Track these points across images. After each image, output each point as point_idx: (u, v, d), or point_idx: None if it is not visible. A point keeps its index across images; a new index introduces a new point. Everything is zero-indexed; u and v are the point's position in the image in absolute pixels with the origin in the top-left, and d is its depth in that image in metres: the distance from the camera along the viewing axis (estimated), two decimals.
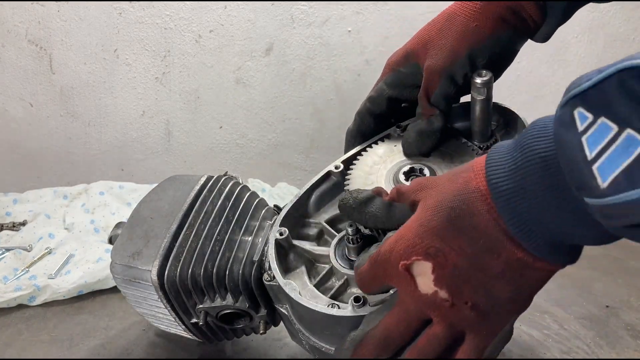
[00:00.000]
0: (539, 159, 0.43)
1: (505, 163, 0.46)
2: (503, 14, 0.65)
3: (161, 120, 1.67)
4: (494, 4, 0.65)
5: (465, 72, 0.67)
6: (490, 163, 0.47)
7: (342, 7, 1.58)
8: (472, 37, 0.65)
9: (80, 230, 1.26)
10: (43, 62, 1.56)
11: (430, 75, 0.68)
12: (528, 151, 0.44)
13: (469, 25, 0.65)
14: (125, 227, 0.79)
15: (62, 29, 1.53)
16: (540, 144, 0.43)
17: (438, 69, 0.67)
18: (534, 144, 0.44)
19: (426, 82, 0.69)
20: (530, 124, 0.46)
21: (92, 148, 1.68)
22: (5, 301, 1.03)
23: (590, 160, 0.38)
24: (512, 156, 0.45)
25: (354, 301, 0.61)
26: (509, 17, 0.66)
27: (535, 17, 0.66)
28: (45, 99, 1.60)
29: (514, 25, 0.67)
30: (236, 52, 1.61)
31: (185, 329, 0.78)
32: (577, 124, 0.39)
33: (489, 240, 0.47)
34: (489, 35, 0.66)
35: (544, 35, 0.70)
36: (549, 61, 1.74)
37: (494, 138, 0.75)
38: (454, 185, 0.49)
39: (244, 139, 1.71)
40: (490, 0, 0.65)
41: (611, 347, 0.91)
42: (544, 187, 0.43)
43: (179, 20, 1.56)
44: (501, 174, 0.46)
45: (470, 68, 0.67)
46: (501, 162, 0.46)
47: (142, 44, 1.58)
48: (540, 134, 0.43)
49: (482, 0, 0.65)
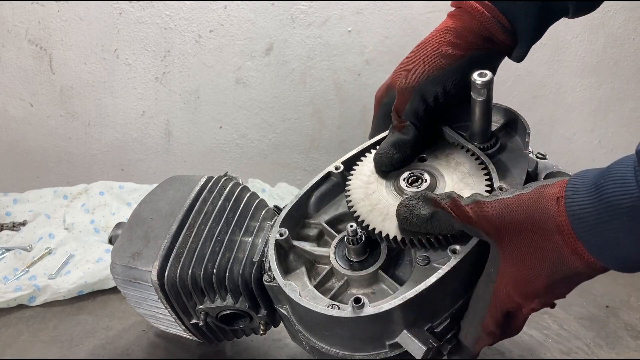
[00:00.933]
0: (624, 214, 0.47)
1: (590, 217, 0.50)
2: (473, 41, 0.68)
3: (161, 120, 1.67)
4: (464, 34, 0.68)
5: (436, 92, 0.70)
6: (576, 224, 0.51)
7: (342, 7, 1.58)
8: (442, 60, 0.69)
9: (80, 230, 1.26)
10: (43, 62, 1.56)
11: (400, 92, 0.71)
12: (614, 208, 0.48)
13: (439, 50, 0.69)
14: (126, 228, 0.79)
15: (62, 29, 1.53)
16: (620, 189, 0.48)
17: (408, 87, 0.70)
18: (615, 188, 0.48)
19: (397, 99, 0.72)
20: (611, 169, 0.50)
21: (92, 148, 1.68)
22: (5, 301, 1.03)
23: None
24: (596, 210, 0.50)
25: (353, 302, 0.61)
26: (480, 42, 0.69)
27: (506, 41, 0.69)
28: (45, 99, 1.60)
29: (486, 48, 0.69)
30: (236, 52, 1.61)
31: (185, 330, 0.78)
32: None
33: (586, 277, 0.55)
34: (459, 58, 0.69)
35: (518, 56, 0.72)
36: (549, 61, 1.74)
37: (494, 139, 0.75)
38: (546, 244, 0.54)
39: (244, 139, 1.71)
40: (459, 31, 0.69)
41: (611, 347, 0.91)
42: (632, 234, 0.48)
43: (179, 20, 1.56)
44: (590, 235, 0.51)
45: (441, 89, 0.69)
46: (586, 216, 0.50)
47: (142, 44, 1.57)
48: (621, 178, 0.48)
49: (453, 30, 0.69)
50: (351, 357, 0.67)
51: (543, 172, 0.74)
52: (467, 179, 0.71)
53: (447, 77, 0.69)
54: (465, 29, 0.68)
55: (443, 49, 0.68)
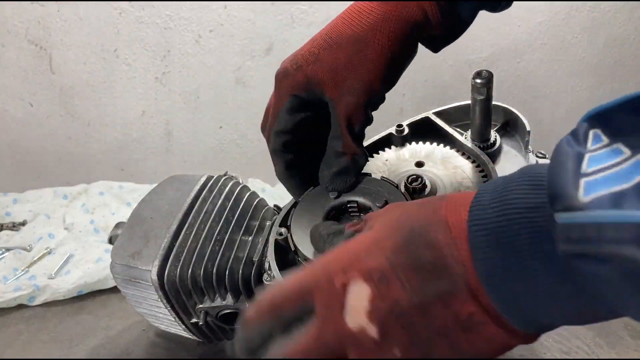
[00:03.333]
0: (524, 219, 0.36)
1: (490, 203, 0.39)
2: (415, 36, 0.61)
3: (161, 120, 1.67)
4: (403, 26, 0.59)
5: (381, 102, 0.64)
6: (477, 197, 0.40)
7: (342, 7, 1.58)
8: (387, 69, 0.60)
9: (80, 230, 1.26)
10: (43, 62, 1.56)
11: (350, 110, 0.62)
12: (514, 202, 0.37)
13: (383, 55, 0.59)
14: (125, 227, 0.79)
15: (62, 29, 1.53)
16: (528, 200, 0.37)
17: (359, 105, 0.62)
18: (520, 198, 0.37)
19: (346, 117, 0.63)
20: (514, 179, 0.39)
21: (92, 148, 1.68)
22: (5, 301, 1.03)
23: (582, 173, 0.33)
24: (499, 196, 0.39)
25: None
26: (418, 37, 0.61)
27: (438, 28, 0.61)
28: (45, 99, 1.60)
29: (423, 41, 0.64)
30: (236, 52, 1.61)
31: (185, 329, 0.78)
32: (589, 143, 0.35)
33: (448, 285, 0.39)
34: (404, 62, 0.62)
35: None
36: (549, 61, 1.74)
37: (494, 138, 0.75)
38: (423, 209, 0.43)
39: (244, 139, 1.71)
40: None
41: (611, 347, 0.91)
42: (526, 254, 0.36)
43: (179, 20, 1.56)
44: (485, 212, 0.38)
45: (383, 96, 0.63)
46: (487, 200, 0.39)
47: (142, 44, 1.57)
48: (533, 184, 0.38)
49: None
50: None
51: None
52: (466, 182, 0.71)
53: (392, 85, 0.64)
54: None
55: (389, 53, 0.61)
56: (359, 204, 0.67)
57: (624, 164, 0.32)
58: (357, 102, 0.61)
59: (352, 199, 0.68)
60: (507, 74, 1.74)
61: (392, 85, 0.63)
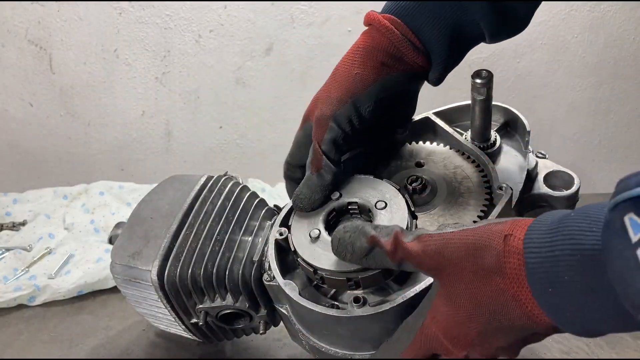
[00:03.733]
0: (582, 256, 0.41)
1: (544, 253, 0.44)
2: (384, 60, 0.65)
3: (161, 120, 1.67)
4: (374, 52, 0.65)
5: (350, 118, 0.66)
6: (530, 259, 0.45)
7: (342, 7, 1.58)
8: (355, 85, 0.66)
9: (80, 230, 1.26)
10: (43, 62, 1.56)
11: (317, 123, 0.68)
12: (572, 244, 0.42)
13: (351, 74, 0.66)
14: (126, 227, 0.79)
15: (62, 29, 1.53)
16: (585, 240, 0.41)
17: (325, 117, 0.66)
18: (579, 237, 0.41)
19: (315, 130, 0.68)
20: (580, 212, 0.43)
21: (92, 148, 1.68)
22: (5, 301, 1.03)
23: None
24: (552, 242, 0.43)
25: (353, 302, 0.61)
26: (391, 62, 0.66)
27: (419, 62, 0.66)
28: (45, 99, 1.60)
29: (398, 69, 0.66)
30: (236, 52, 1.61)
31: (185, 329, 0.78)
32: (630, 233, 0.36)
33: (529, 331, 0.49)
34: (372, 81, 0.66)
35: (434, 79, 0.68)
36: (549, 61, 1.74)
37: (494, 138, 0.75)
38: (486, 287, 0.48)
39: (244, 139, 1.71)
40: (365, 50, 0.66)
41: (611, 347, 0.91)
42: (585, 289, 0.41)
43: (179, 20, 1.56)
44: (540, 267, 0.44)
45: (355, 114, 0.66)
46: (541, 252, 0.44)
47: (142, 44, 1.58)
48: (587, 228, 0.41)
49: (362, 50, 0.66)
50: (351, 356, 0.67)
51: (543, 171, 0.74)
52: (466, 182, 0.71)
53: (362, 102, 0.66)
54: (375, 47, 0.65)
55: (354, 72, 0.66)
56: (360, 205, 0.67)
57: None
58: (323, 114, 0.66)
59: (352, 200, 0.68)
60: (507, 74, 1.74)
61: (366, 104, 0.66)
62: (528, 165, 0.73)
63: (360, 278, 0.61)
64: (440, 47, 0.64)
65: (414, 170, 0.74)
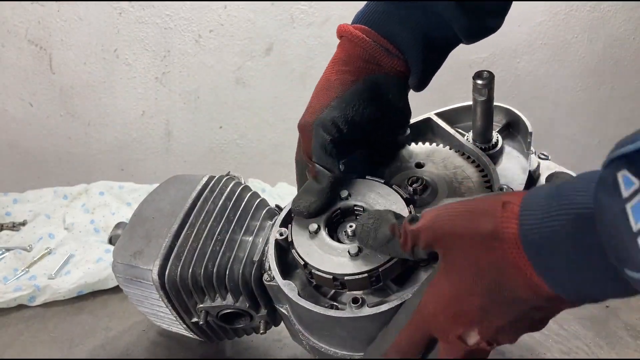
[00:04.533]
0: (576, 215, 0.41)
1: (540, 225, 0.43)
2: (362, 65, 0.66)
3: (161, 120, 1.67)
4: (351, 60, 0.66)
5: (335, 121, 0.65)
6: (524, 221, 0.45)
7: (342, 7, 1.58)
8: (335, 90, 0.66)
9: (80, 230, 1.26)
10: (43, 62, 1.56)
11: (301, 131, 0.68)
12: (566, 204, 0.42)
13: (330, 81, 0.67)
14: (127, 227, 0.79)
15: (62, 29, 1.53)
16: (579, 199, 0.41)
17: (307, 124, 0.66)
18: (573, 197, 0.42)
19: (302, 141, 0.69)
20: (577, 176, 0.44)
21: (92, 148, 1.68)
22: (5, 301, 1.03)
23: (636, 232, 0.35)
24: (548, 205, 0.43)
25: (352, 302, 0.61)
26: (370, 66, 0.66)
27: (397, 67, 0.66)
28: (45, 99, 1.60)
29: (378, 72, 0.66)
30: (236, 52, 1.61)
31: (186, 328, 0.79)
32: (621, 189, 0.36)
33: (529, 303, 0.47)
34: (352, 82, 0.66)
35: (414, 85, 0.69)
36: (549, 61, 1.74)
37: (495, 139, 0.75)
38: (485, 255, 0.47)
39: (244, 139, 1.71)
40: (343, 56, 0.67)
41: (611, 347, 0.91)
42: (578, 248, 0.41)
43: (179, 20, 1.56)
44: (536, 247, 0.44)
45: (341, 117, 0.65)
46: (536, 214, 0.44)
47: (142, 44, 1.57)
48: (582, 188, 0.41)
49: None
50: (350, 357, 0.67)
51: (545, 172, 0.74)
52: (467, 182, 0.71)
53: (344, 104, 0.65)
54: (351, 56, 0.66)
55: (333, 79, 0.66)
56: (365, 210, 0.67)
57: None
58: (306, 121, 0.67)
59: (359, 204, 0.68)
60: (507, 74, 1.75)
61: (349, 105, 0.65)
62: (530, 166, 0.73)
63: (345, 280, 0.61)
64: (414, 51, 0.65)
65: (414, 171, 0.74)
